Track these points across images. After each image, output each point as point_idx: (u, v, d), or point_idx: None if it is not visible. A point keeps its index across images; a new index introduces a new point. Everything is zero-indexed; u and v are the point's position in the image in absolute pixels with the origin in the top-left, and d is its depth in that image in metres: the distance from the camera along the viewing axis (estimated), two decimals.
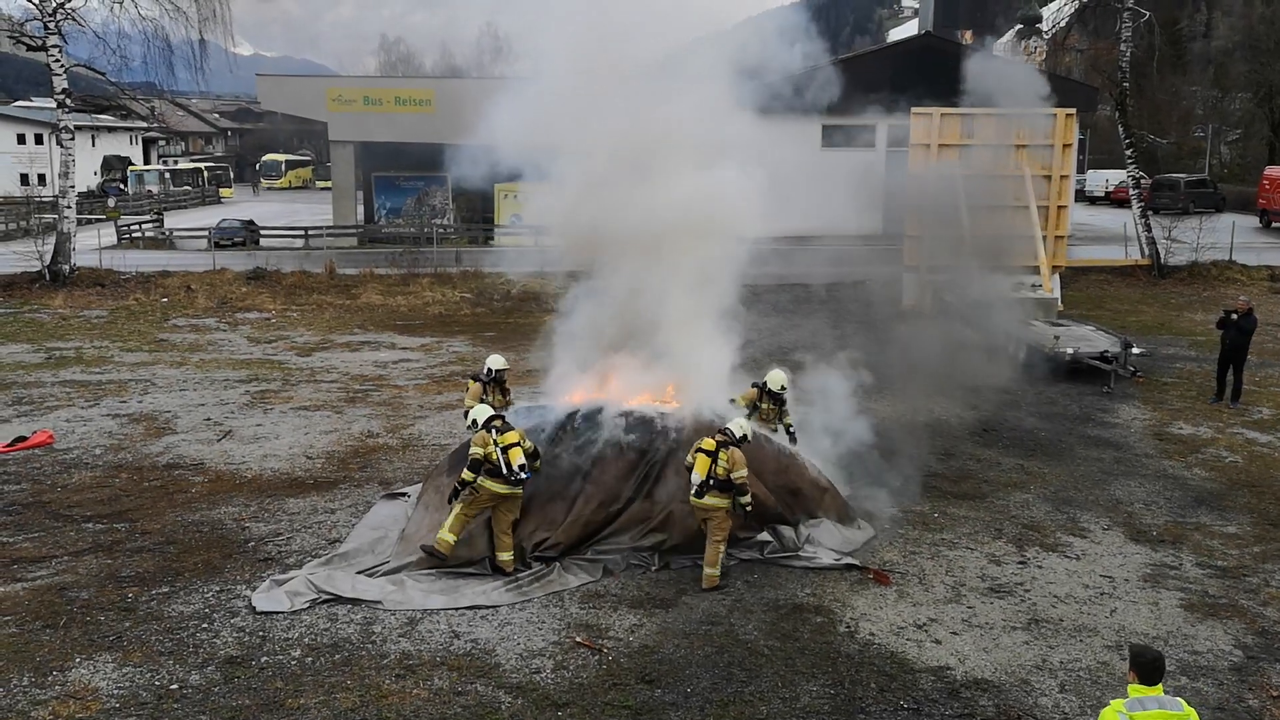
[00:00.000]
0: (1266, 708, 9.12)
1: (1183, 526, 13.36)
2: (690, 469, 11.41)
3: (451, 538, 11.53)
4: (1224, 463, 15.99)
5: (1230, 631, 10.49)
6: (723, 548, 11.36)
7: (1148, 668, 6.52)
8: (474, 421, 12.08)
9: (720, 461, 11.24)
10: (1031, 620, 10.67)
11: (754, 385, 13.82)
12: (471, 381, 14.23)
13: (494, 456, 11.36)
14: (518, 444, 11.42)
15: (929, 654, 9.96)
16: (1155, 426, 17.93)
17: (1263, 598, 11.26)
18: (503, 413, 12.00)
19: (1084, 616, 10.77)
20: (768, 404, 13.69)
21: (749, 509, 11.47)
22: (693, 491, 11.36)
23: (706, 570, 11.33)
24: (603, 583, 11.32)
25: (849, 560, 11.88)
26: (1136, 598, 11.23)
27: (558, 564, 11.55)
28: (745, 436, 11.57)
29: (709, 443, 11.38)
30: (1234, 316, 18.90)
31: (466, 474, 11.46)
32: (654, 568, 11.66)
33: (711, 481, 11.24)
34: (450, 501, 11.65)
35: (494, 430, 11.50)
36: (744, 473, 11.29)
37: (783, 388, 13.68)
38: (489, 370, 14.29)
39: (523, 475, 11.38)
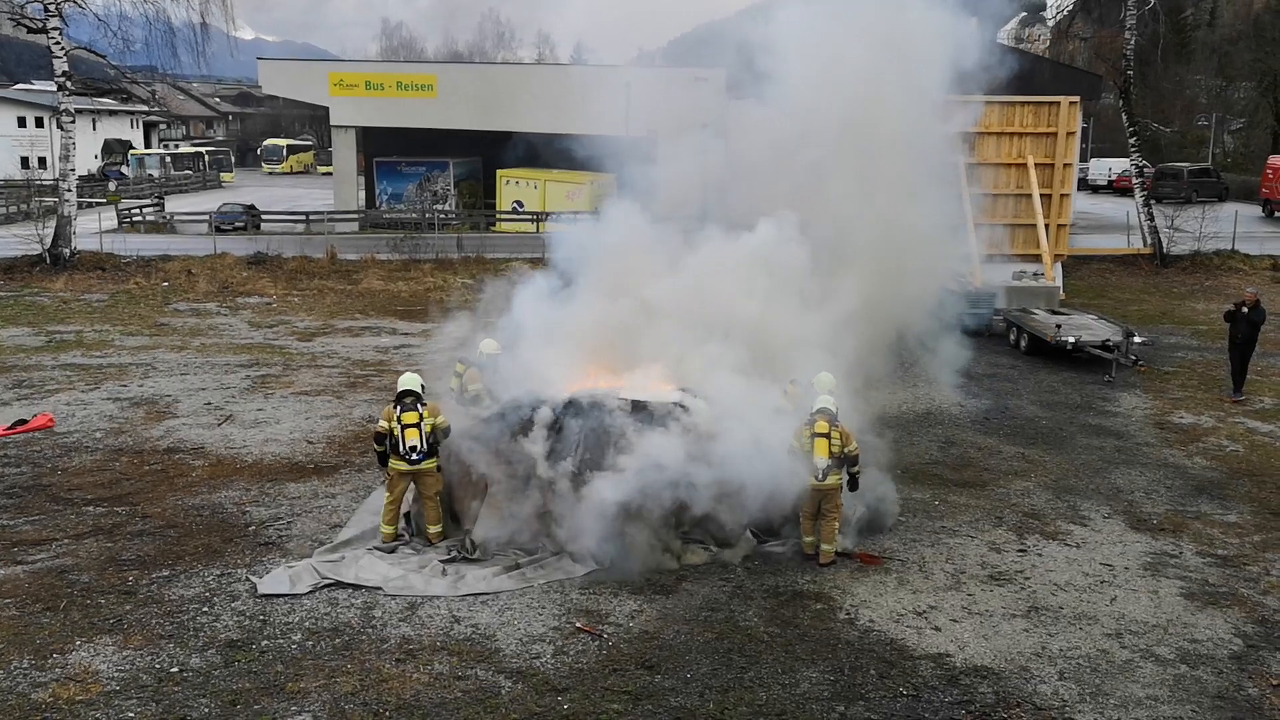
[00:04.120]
0: (1266, 696, 9.13)
1: (1183, 515, 13.36)
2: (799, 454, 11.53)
3: (390, 529, 11.91)
4: (1225, 452, 15.98)
5: (1230, 620, 10.50)
6: (837, 523, 11.62)
7: None
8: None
9: (834, 440, 11.42)
10: (1031, 608, 10.68)
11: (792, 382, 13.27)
12: (460, 364, 14.14)
13: (395, 432, 11.67)
14: (416, 424, 11.67)
15: (929, 641, 9.97)
16: (1156, 415, 17.92)
17: (1263, 587, 11.26)
18: (416, 389, 12.05)
19: (1084, 604, 10.78)
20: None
21: (859, 474, 11.75)
22: (817, 476, 11.41)
23: (824, 548, 11.53)
24: (604, 569, 11.30)
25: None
26: (1136, 586, 11.24)
27: (565, 552, 11.51)
28: (837, 410, 11.83)
29: (822, 425, 11.45)
30: (1244, 309, 18.65)
31: (376, 446, 11.96)
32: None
33: (833, 462, 11.45)
34: (381, 466, 12.09)
35: (401, 407, 11.77)
36: (855, 444, 11.60)
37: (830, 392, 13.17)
38: (481, 354, 14.21)
39: (413, 456, 11.62)
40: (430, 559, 11.49)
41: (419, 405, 11.84)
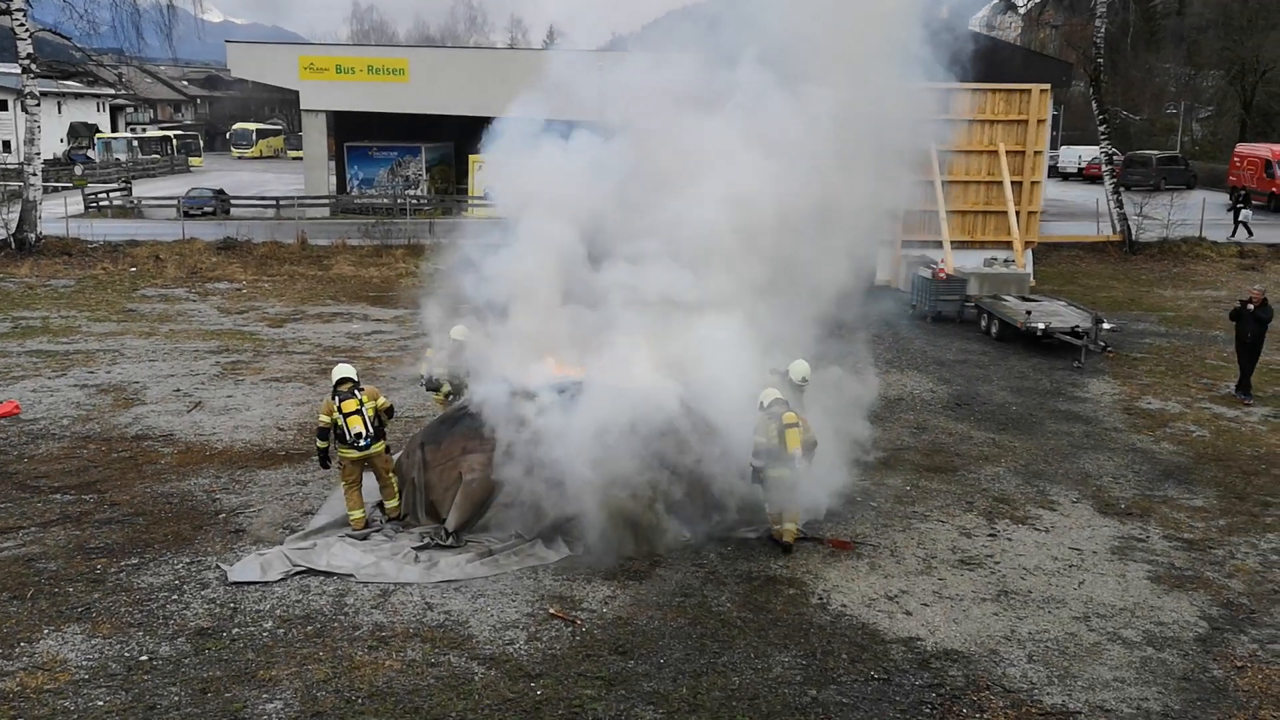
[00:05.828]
0: (1230, 678, 9.26)
1: (1150, 500, 13.51)
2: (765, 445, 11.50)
3: (359, 513, 11.90)
4: (1191, 437, 16.16)
5: (1196, 603, 10.63)
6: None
7: None
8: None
9: (803, 429, 11.53)
10: (1001, 592, 10.77)
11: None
12: (430, 350, 14.08)
13: (339, 423, 11.76)
14: (357, 411, 11.75)
15: (900, 625, 10.04)
16: (1125, 401, 18.09)
17: (1228, 570, 11.42)
18: (353, 376, 12.15)
19: (1052, 588, 10.89)
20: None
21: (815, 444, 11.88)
22: (794, 465, 11.39)
23: (789, 526, 11.63)
24: (577, 555, 11.31)
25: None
26: (1104, 570, 11.36)
27: (539, 539, 11.48)
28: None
29: (790, 416, 11.42)
30: (1250, 306, 17.93)
31: (319, 442, 12.09)
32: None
33: (803, 450, 11.52)
34: (323, 466, 12.41)
35: (339, 397, 11.82)
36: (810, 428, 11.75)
37: (804, 379, 12.77)
38: (451, 340, 14.13)
39: (360, 442, 11.70)
40: (403, 546, 11.46)
41: (356, 391, 11.88)
